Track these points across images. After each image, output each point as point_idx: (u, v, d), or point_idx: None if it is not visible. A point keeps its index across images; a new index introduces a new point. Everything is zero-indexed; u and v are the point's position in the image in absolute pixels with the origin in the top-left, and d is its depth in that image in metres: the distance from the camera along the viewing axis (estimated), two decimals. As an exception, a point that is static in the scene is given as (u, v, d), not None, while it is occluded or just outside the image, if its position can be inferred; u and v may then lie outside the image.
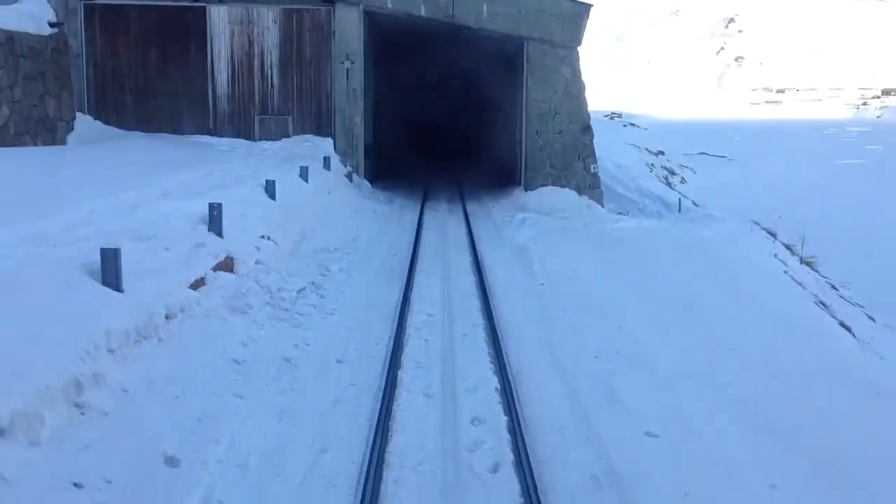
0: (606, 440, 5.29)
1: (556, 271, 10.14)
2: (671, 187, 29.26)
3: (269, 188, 10.14)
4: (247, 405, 5.33)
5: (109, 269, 5.51)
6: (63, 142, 15.92)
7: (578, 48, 17.55)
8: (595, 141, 17.97)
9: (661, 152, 47.40)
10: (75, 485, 3.80)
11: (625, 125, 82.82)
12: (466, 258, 11.20)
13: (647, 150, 46.36)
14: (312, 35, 17.07)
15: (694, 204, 22.84)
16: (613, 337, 7.51)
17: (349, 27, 16.85)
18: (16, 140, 14.21)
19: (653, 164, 37.95)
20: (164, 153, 13.72)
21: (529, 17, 17.42)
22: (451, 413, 5.68)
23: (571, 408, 5.89)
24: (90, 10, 16.67)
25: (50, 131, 15.59)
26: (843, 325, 10.87)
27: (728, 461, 5.11)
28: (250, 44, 17.05)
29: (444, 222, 14.59)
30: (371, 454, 4.86)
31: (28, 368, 4.11)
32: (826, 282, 14.69)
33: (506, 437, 5.24)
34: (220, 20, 16.85)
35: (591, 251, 11.59)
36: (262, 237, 8.78)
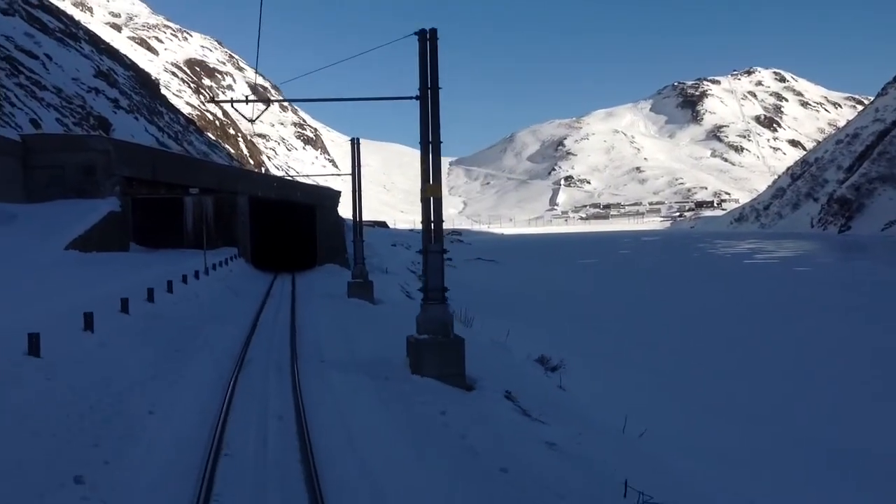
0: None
1: (314, 280, 35.43)
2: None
3: (224, 262, 34.70)
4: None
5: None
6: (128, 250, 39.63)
7: (338, 207, 43.59)
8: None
9: (449, 259, 72.83)
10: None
11: (452, 241, 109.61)
12: (289, 282, 36.01)
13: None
14: (227, 206, 41.91)
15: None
16: (312, 283, 32.74)
17: (243, 202, 41.95)
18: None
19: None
20: (176, 256, 37.64)
21: (319, 196, 43.48)
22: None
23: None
24: (136, 201, 40.64)
25: (125, 248, 39.36)
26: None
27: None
28: (201, 210, 41.57)
29: (284, 276, 39.38)
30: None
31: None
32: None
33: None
34: (189, 201, 41.34)
35: (329, 277, 36.98)
36: (230, 272, 33.30)
